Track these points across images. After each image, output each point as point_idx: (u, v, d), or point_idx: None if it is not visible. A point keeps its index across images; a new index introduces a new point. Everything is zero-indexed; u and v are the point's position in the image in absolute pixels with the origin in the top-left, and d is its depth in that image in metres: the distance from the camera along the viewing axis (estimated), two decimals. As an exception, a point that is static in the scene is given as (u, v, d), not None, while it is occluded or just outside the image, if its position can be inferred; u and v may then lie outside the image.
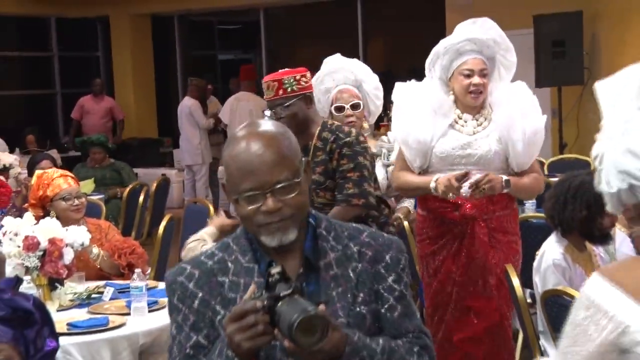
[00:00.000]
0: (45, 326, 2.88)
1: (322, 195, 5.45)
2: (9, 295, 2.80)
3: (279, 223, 2.85)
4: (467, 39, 5.50)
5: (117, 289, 5.85)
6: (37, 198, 6.50)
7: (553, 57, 12.44)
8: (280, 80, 5.33)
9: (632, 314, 2.38)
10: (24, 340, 2.80)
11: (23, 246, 5.48)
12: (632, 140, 2.54)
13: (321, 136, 5.45)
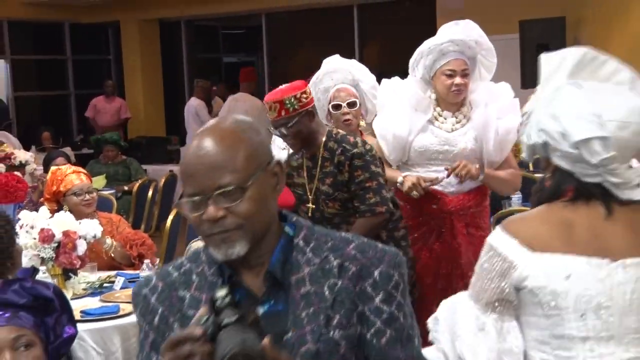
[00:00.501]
0: (64, 314, 2.90)
1: (332, 206, 5.28)
2: (30, 284, 2.82)
3: (222, 234, 2.38)
4: (450, 40, 5.41)
5: (128, 279, 5.86)
6: (51, 193, 6.51)
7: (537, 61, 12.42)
8: (282, 101, 5.16)
9: (520, 256, 2.78)
10: (45, 327, 2.82)
11: (39, 238, 5.49)
12: (557, 106, 2.84)
13: (327, 146, 5.28)
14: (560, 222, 2.80)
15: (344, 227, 5.13)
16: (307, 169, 5.33)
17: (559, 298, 2.71)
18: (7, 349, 2.70)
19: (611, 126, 2.73)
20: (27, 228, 5.44)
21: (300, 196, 5.34)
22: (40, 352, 2.78)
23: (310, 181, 5.30)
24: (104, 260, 6.29)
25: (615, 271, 2.71)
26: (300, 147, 5.25)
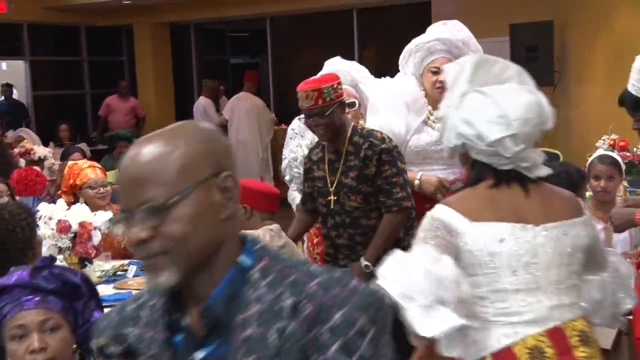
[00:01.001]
0: (92, 299, 2.95)
1: (354, 199, 5.08)
2: (59, 271, 2.87)
3: (148, 260, 1.95)
4: (436, 38, 5.37)
5: (139, 267, 5.86)
6: (68, 186, 6.53)
7: (527, 62, 12.38)
8: (320, 90, 4.94)
9: (461, 224, 3.12)
10: (73, 311, 2.87)
11: (56, 229, 5.50)
12: (468, 112, 3.21)
13: (352, 140, 5.11)
14: (487, 198, 3.20)
15: (363, 221, 5.07)
16: (329, 162, 5.17)
17: (495, 258, 3.08)
18: (35, 331, 2.74)
19: (516, 124, 3.14)
20: (45, 219, 5.46)
21: (319, 189, 5.20)
22: (67, 334, 2.82)
23: (332, 174, 5.14)
24: (117, 250, 6.30)
25: (539, 234, 3.12)
26: (330, 137, 5.09)
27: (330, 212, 5.09)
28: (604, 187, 5.52)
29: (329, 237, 5.22)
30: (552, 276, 3.11)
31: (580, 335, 3.10)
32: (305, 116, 5.10)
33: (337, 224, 5.11)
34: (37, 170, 8.27)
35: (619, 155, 6.15)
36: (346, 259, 5.15)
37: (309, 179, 5.32)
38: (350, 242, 5.10)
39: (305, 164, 5.39)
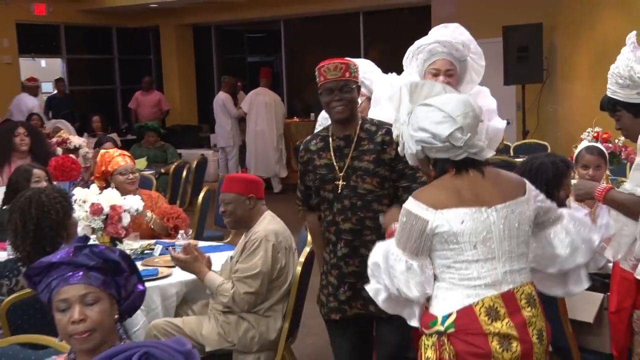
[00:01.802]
0: (133, 274, 3.00)
1: (369, 182, 4.49)
2: (100, 249, 2.90)
3: None
4: (437, 41, 4.99)
5: (165, 246, 5.88)
6: (100, 172, 6.56)
7: (518, 61, 12.42)
8: (348, 64, 4.52)
9: (428, 214, 3.40)
10: (116, 285, 2.91)
11: (90, 211, 5.52)
12: (417, 122, 3.51)
13: (363, 128, 4.59)
14: (451, 189, 3.46)
15: (374, 205, 4.50)
16: (335, 149, 4.58)
17: (458, 236, 3.39)
18: (77, 303, 2.79)
19: (459, 119, 3.43)
20: (80, 202, 5.48)
21: (323, 176, 4.58)
22: (107, 307, 2.85)
23: (339, 160, 4.56)
24: (145, 231, 6.33)
25: (491, 214, 3.43)
26: (347, 115, 4.53)
27: (338, 197, 4.52)
28: (592, 175, 5.51)
29: (333, 223, 4.57)
30: (505, 247, 3.45)
31: (527, 298, 3.49)
32: (326, 91, 4.51)
33: (345, 208, 4.51)
34: (72, 158, 8.28)
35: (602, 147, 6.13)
36: (346, 246, 4.54)
37: (308, 171, 4.71)
38: (357, 225, 4.49)
39: (302, 156, 4.77)
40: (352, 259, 4.52)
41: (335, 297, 4.57)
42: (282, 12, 17.58)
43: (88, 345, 2.80)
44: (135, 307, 3.05)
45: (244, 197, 5.01)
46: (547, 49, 12.75)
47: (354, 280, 4.47)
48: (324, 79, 4.51)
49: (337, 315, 4.59)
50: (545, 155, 5.30)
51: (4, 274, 4.50)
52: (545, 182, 4.97)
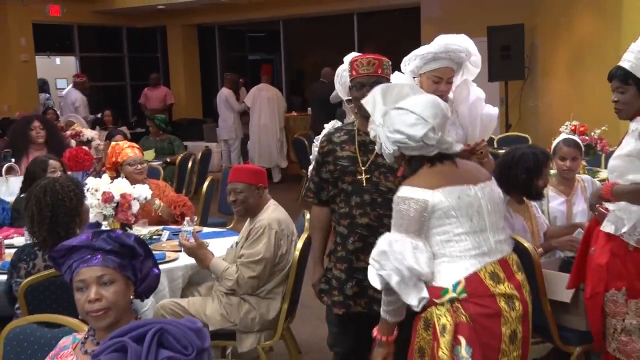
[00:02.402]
0: (148, 258, 3.02)
1: (392, 180, 4.23)
2: (116, 234, 2.94)
3: None
4: (444, 50, 4.60)
5: (172, 232, 5.89)
6: (111, 163, 6.56)
7: (501, 59, 12.41)
8: (381, 61, 4.30)
9: (426, 194, 3.46)
10: (132, 268, 2.94)
11: (102, 199, 5.52)
12: (392, 124, 3.59)
13: None
14: (437, 173, 3.57)
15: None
16: (360, 143, 4.33)
17: (456, 210, 3.48)
18: (94, 284, 2.83)
19: (430, 119, 3.53)
20: (92, 191, 5.47)
21: (344, 167, 4.32)
22: (122, 287, 2.89)
23: (364, 154, 4.31)
24: (153, 217, 6.34)
25: (478, 191, 3.57)
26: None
27: (360, 190, 4.28)
28: (569, 166, 5.52)
29: (348, 216, 4.33)
30: (492, 219, 3.60)
31: (517, 264, 3.68)
32: (358, 86, 4.30)
33: (364, 202, 4.28)
34: (85, 149, 8.28)
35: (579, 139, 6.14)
36: (360, 241, 4.30)
37: (327, 162, 4.43)
38: (375, 222, 4.25)
39: (323, 147, 4.49)
40: (364, 254, 4.20)
41: (341, 291, 4.35)
42: (281, 13, 17.58)
43: (103, 323, 2.83)
44: (151, 289, 3.08)
45: (253, 187, 5.00)
46: (529, 48, 12.75)
47: (363, 277, 4.10)
48: (356, 73, 4.31)
49: (341, 310, 4.37)
50: (527, 146, 5.31)
51: (22, 258, 4.52)
52: (525, 171, 4.99)
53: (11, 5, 16.66)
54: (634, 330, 4.18)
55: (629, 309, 4.18)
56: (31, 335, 3.32)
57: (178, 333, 2.73)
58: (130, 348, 2.67)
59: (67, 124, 11.50)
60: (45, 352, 3.07)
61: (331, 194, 4.43)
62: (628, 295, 4.16)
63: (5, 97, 16.65)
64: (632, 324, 4.17)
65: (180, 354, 2.69)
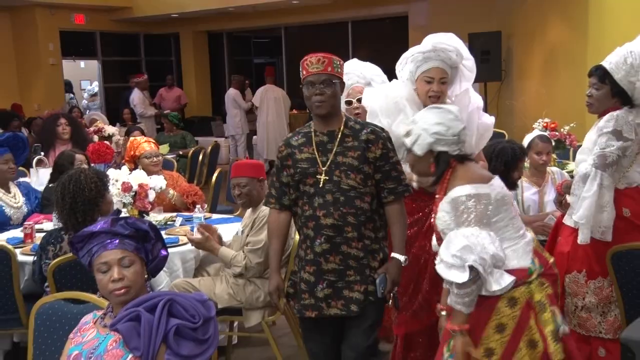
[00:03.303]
0: (158, 241, 3.04)
1: (353, 178, 3.80)
2: (132, 220, 2.96)
3: None
4: (432, 48, 4.34)
5: (185, 218, 5.90)
6: (129, 156, 6.56)
7: (481, 62, 12.39)
8: (331, 59, 3.86)
9: (486, 188, 3.33)
10: (145, 250, 2.97)
11: (121, 189, 5.53)
12: (432, 119, 3.46)
13: (348, 125, 3.88)
14: (475, 168, 3.53)
15: (357, 202, 3.81)
16: (319, 144, 3.87)
17: (506, 197, 3.40)
18: (116, 265, 2.85)
19: (462, 121, 3.50)
20: (113, 181, 5.48)
21: (304, 170, 3.86)
22: (140, 268, 2.91)
23: (323, 155, 3.85)
24: (167, 205, 6.34)
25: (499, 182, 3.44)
26: (327, 111, 3.83)
27: (320, 191, 3.83)
28: (545, 160, 5.53)
29: (313, 218, 3.86)
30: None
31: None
32: (308, 84, 3.86)
33: (327, 203, 3.82)
34: (107, 144, 8.29)
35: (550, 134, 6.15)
36: (327, 242, 3.83)
37: (287, 166, 3.96)
38: (340, 221, 3.80)
39: (281, 151, 4.01)
40: (332, 255, 3.83)
41: (311, 294, 3.88)
42: (283, 21, 17.59)
43: (125, 299, 2.85)
44: (159, 268, 3.09)
45: (255, 179, 4.99)
46: (505, 53, 12.76)
47: (335, 278, 3.83)
48: (306, 72, 3.87)
49: (313, 313, 3.89)
50: (507, 141, 5.34)
51: (50, 241, 4.54)
52: (504, 163, 5.02)
53: (40, 15, 16.72)
54: (593, 308, 4.22)
55: (588, 288, 4.22)
56: (59, 311, 3.33)
57: (186, 304, 2.78)
58: (144, 317, 2.72)
59: (91, 121, 11.51)
60: (72, 326, 3.08)
61: (293, 197, 3.98)
62: (588, 277, 4.20)
63: (35, 97, 16.69)
64: (591, 302, 4.22)
65: (188, 322, 2.72)
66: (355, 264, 3.83)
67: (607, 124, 4.08)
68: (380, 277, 3.82)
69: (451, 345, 3.37)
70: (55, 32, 17.25)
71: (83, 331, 2.92)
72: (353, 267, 3.83)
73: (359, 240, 3.84)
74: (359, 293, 3.83)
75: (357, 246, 3.83)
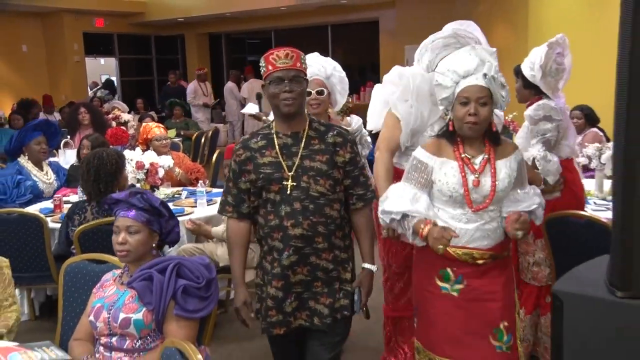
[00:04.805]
0: (171, 219, 3.05)
1: (322, 184, 3.01)
2: (148, 196, 2.97)
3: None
4: (452, 34, 3.68)
5: (189, 192, 5.90)
6: (142, 139, 6.55)
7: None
8: (299, 54, 3.06)
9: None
10: (158, 224, 2.97)
11: (135, 167, 5.53)
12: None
13: (312, 126, 3.08)
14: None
15: (327, 210, 3.03)
16: (282, 146, 3.04)
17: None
18: (123, 231, 2.88)
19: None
20: (128, 160, 5.48)
21: (268, 175, 3.02)
22: (144, 237, 2.91)
23: (288, 158, 3.02)
24: (174, 181, 6.34)
25: None
26: (295, 110, 3.01)
27: (288, 198, 3.00)
28: None
29: (280, 228, 3.03)
30: None
31: None
32: (275, 81, 3.00)
33: (295, 212, 3.00)
34: (123, 128, 8.28)
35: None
36: (295, 254, 3.03)
37: (246, 172, 3.08)
38: (309, 231, 3.01)
39: (240, 154, 3.11)
40: (300, 266, 3.05)
41: (279, 309, 3.10)
42: (273, 24, 17.53)
43: (125, 260, 2.91)
44: (174, 242, 3.12)
45: None
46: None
47: (302, 289, 3.07)
48: (272, 68, 3.01)
49: (282, 330, 3.13)
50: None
51: (76, 211, 4.56)
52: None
53: (67, 19, 16.68)
54: (541, 262, 4.26)
55: (536, 246, 4.27)
56: (83, 269, 3.34)
57: (192, 266, 2.81)
58: (156, 277, 2.75)
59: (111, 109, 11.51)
60: (94, 282, 3.10)
61: (254, 205, 3.12)
62: (535, 237, 4.24)
63: (62, 89, 16.68)
64: (540, 257, 4.25)
65: (193, 282, 2.76)
66: (324, 276, 3.07)
67: (536, 112, 4.10)
68: (356, 293, 3.11)
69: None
70: (79, 34, 17.21)
71: (104, 287, 2.95)
72: (321, 279, 3.07)
73: (330, 251, 3.07)
74: (324, 306, 3.08)
75: (327, 257, 3.07)
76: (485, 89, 2.89)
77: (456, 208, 2.99)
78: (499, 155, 2.99)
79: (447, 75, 2.93)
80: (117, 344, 2.78)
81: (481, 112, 2.87)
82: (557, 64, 4.10)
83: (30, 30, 16.76)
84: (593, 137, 6.62)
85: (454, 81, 2.91)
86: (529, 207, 3.05)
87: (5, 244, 4.86)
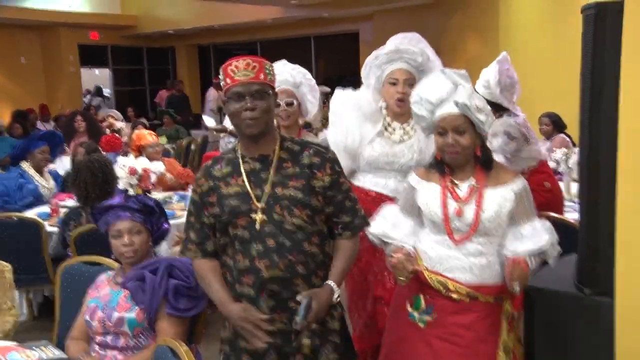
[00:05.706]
0: (162, 216, 3.02)
1: (299, 215, 2.37)
2: (142, 198, 2.97)
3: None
4: (395, 49, 3.37)
5: (180, 196, 5.87)
6: (135, 146, 6.51)
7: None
8: (262, 63, 2.44)
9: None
10: (150, 222, 2.94)
11: (128, 172, 5.49)
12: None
13: (284, 146, 2.46)
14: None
15: (305, 246, 2.37)
16: (250, 173, 2.42)
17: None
18: (126, 233, 2.85)
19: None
20: (121, 166, 5.45)
21: (234, 208, 2.39)
22: (145, 237, 2.90)
23: (256, 187, 2.39)
24: (165, 185, 6.30)
25: None
26: (260, 130, 2.39)
27: (258, 235, 2.36)
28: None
29: (251, 271, 2.37)
30: None
31: None
32: (234, 96, 2.39)
33: (268, 250, 2.35)
34: (116, 135, 8.24)
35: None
36: (271, 299, 2.38)
37: (209, 204, 2.46)
38: (287, 273, 2.35)
39: (201, 184, 2.51)
40: (279, 313, 2.38)
41: None
42: (258, 36, 17.62)
43: (133, 260, 2.86)
44: (162, 237, 3.09)
45: None
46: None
47: (281, 341, 2.40)
48: (232, 81, 2.40)
49: None
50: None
51: (71, 217, 4.56)
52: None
53: (63, 32, 16.83)
54: None
55: None
56: (79, 271, 3.32)
57: (183, 267, 2.80)
58: (148, 277, 2.75)
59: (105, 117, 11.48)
60: (90, 283, 3.08)
61: (220, 242, 2.47)
62: None
63: (59, 98, 16.69)
64: None
65: (184, 282, 2.75)
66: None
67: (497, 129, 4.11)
68: (305, 302, 2.30)
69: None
70: (75, 46, 17.27)
71: (99, 287, 2.94)
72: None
73: None
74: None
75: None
76: (461, 116, 2.49)
77: (440, 233, 2.57)
78: (491, 182, 2.54)
79: (422, 105, 2.58)
80: (112, 343, 2.76)
81: (460, 140, 2.49)
82: (509, 78, 4.12)
83: (28, 43, 16.82)
84: (560, 142, 6.66)
85: (429, 110, 2.56)
86: (535, 245, 2.50)
87: (5, 247, 4.82)
